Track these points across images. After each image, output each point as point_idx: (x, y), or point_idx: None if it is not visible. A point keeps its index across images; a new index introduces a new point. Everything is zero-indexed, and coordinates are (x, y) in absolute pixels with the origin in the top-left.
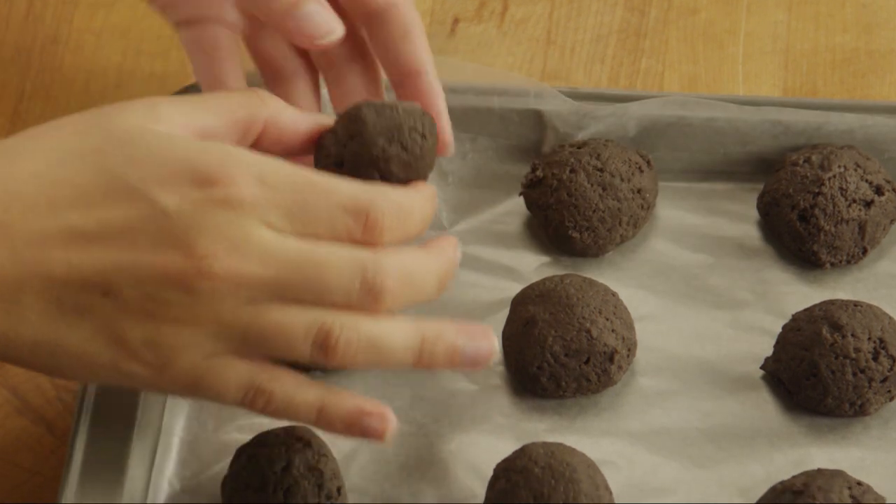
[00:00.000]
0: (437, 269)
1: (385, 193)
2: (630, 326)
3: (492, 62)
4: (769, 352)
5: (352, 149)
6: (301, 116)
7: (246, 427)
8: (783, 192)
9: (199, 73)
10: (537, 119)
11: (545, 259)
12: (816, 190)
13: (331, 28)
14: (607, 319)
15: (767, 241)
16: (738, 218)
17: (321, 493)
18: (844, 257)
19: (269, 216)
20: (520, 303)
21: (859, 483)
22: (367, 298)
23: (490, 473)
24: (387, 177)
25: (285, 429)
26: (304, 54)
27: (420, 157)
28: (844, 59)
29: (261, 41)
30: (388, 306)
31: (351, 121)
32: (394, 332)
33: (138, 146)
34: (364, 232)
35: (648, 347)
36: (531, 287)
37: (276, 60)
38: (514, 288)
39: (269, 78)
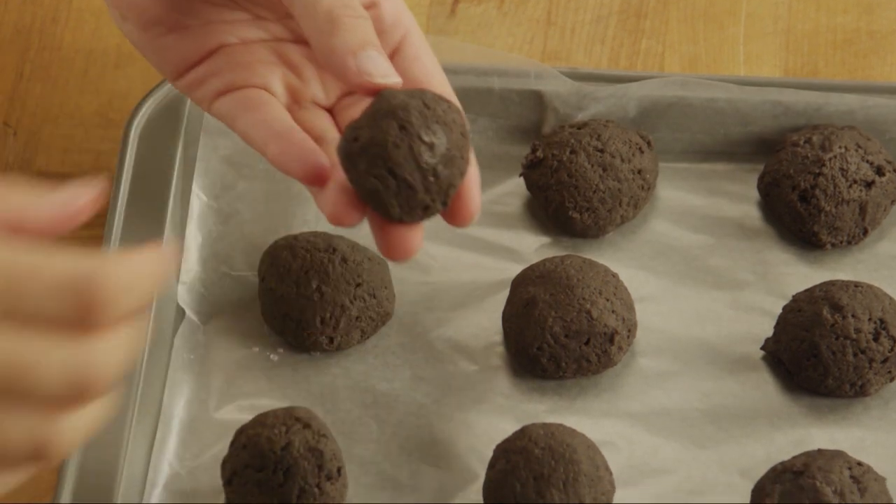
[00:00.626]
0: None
1: (104, 265)
2: (630, 307)
3: (492, 43)
4: (769, 332)
5: (371, 109)
6: (52, 201)
7: (246, 407)
8: (784, 173)
9: (250, 129)
10: (537, 100)
11: (545, 240)
12: (817, 170)
13: (388, 72)
14: (607, 300)
15: (768, 222)
16: (739, 198)
17: (321, 474)
18: (845, 238)
19: None
20: (520, 283)
21: (859, 463)
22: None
23: (490, 454)
24: (406, 127)
25: (285, 409)
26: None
27: (444, 121)
28: (845, 39)
29: (300, 114)
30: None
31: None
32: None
33: None
34: (79, 311)
35: (649, 328)
36: (531, 268)
37: (315, 131)
38: (515, 269)
39: None
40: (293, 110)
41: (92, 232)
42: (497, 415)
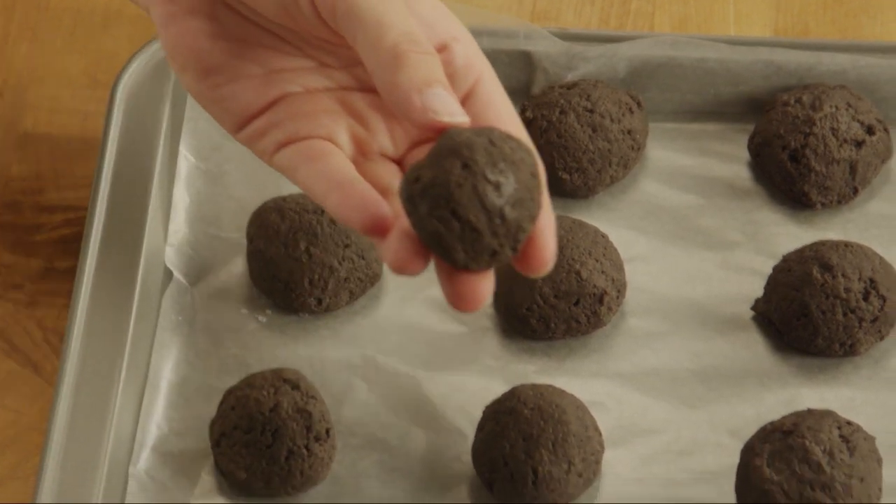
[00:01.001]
0: None
1: None
2: (620, 268)
3: (481, 3)
4: (759, 292)
5: (434, 148)
6: None
7: (234, 369)
8: (774, 133)
9: (311, 180)
10: (527, 60)
11: None
12: (807, 130)
13: (455, 110)
14: (597, 261)
15: (758, 182)
16: (729, 159)
17: (309, 435)
18: (835, 197)
19: None
20: None
21: (849, 423)
22: None
23: (479, 415)
24: (470, 166)
25: (273, 371)
26: None
27: (511, 160)
28: None
29: (366, 166)
30: None
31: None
32: None
33: None
34: None
35: (638, 288)
36: None
37: (382, 183)
38: None
39: None
40: (359, 162)
41: (79, 193)
42: (486, 376)
